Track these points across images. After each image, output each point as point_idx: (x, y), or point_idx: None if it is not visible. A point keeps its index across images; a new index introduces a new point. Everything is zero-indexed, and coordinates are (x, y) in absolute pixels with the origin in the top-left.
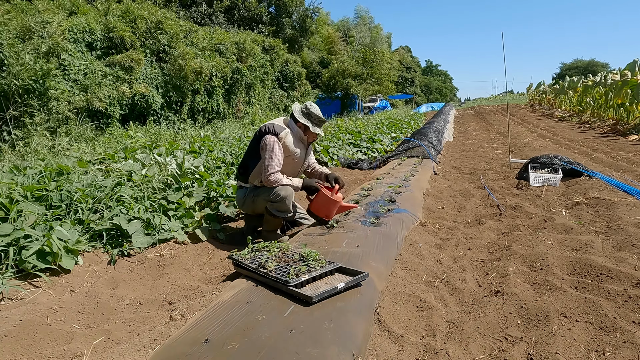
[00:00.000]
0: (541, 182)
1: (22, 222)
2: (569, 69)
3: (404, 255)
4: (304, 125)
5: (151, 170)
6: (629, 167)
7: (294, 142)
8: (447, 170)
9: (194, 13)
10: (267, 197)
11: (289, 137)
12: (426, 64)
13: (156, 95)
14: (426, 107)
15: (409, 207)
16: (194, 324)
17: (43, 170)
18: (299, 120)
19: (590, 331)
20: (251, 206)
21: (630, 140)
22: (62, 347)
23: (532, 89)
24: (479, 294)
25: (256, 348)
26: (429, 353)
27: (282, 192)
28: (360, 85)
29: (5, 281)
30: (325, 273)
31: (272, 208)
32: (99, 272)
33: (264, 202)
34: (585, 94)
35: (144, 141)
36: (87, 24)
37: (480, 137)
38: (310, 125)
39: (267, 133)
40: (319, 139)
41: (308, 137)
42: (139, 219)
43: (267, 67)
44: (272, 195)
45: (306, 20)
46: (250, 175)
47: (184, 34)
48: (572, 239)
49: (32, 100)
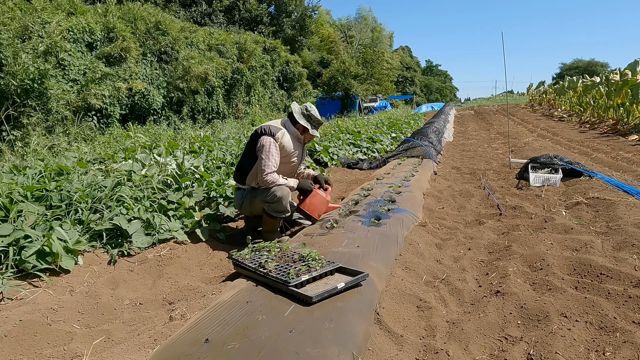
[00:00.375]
0: (541, 182)
1: (22, 222)
2: (569, 69)
3: (404, 255)
4: (303, 127)
5: (151, 170)
6: (629, 167)
7: (291, 143)
8: (447, 170)
9: (194, 13)
10: (264, 198)
11: (286, 137)
12: (426, 64)
13: (157, 95)
14: (426, 107)
15: (409, 207)
16: (194, 324)
17: (43, 170)
18: (298, 122)
19: (590, 331)
20: (249, 208)
21: (630, 140)
22: (62, 347)
23: (532, 89)
24: (479, 294)
25: (256, 348)
26: (429, 353)
27: (278, 192)
28: (361, 85)
29: (5, 281)
30: (325, 273)
31: (269, 209)
32: (99, 272)
33: (261, 203)
34: (585, 94)
35: (144, 141)
36: (87, 23)
37: (480, 137)
38: (310, 127)
39: (264, 134)
40: (317, 139)
41: (305, 138)
42: (139, 219)
43: (267, 67)
44: (268, 196)
45: (305, 19)
46: (247, 177)
47: (185, 36)
48: (572, 239)
49: (31, 100)
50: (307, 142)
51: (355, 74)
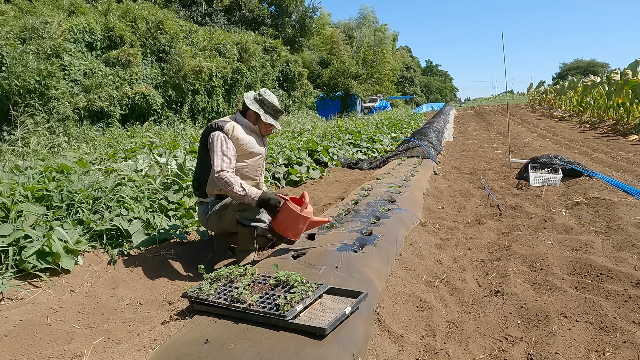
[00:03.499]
0: (541, 182)
1: (22, 222)
2: (569, 69)
3: (404, 255)
4: (255, 114)
5: (151, 170)
6: (629, 167)
7: (246, 135)
8: (447, 170)
9: (194, 13)
10: (237, 207)
11: (237, 129)
12: (426, 64)
13: (156, 95)
14: (426, 107)
15: (409, 207)
16: (194, 324)
17: (44, 170)
18: (249, 108)
19: (590, 331)
20: (217, 223)
21: (630, 140)
22: (62, 347)
23: (532, 89)
24: (479, 294)
25: (256, 348)
26: (429, 353)
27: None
28: (361, 86)
29: (5, 281)
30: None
31: (242, 217)
32: (99, 272)
33: (234, 213)
34: (586, 94)
35: (144, 141)
36: (87, 23)
37: (480, 137)
38: (262, 113)
39: (211, 131)
40: (311, 139)
41: (261, 129)
42: (139, 219)
43: (267, 67)
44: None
45: (306, 20)
46: (207, 185)
47: (184, 34)
48: (572, 239)
49: (32, 100)
50: (266, 134)
51: (355, 74)
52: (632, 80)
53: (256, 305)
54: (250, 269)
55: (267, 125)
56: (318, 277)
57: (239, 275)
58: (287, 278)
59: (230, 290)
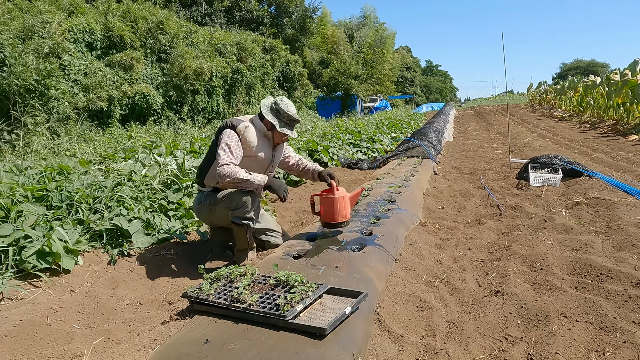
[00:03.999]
0: (541, 182)
1: (22, 222)
2: (569, 69)
3: (404, 255)
4: (270, 124)
5: (151, 170)
6: (629, 167)
7: (257, 139)
8: (447, 170)
9: (194, 13)
10: (227, 204)
11: (250, 131)
12: (426, 64)
13: (156, 95)
14: (426, 107)
15: (409, 207)
16: (194, 324)
17: (44, 170)
18: (265, 117)
19: (590, 331)
20: (208, 216)
21: (630, 140)
22: (62, 347)
23: (533, 89)
24: (479, 294)
25: (256, 347)
26: (429, 353)
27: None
28: (361, 86)
29: (5, 281)
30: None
31: (233, 216)
32: (99, 272)
33: (225, 210)
34: (586, 94)
35: (145, 140)
36: (87, 23)
37: (480, 137)
38: (278, 124)
39: (225, 127)
40: (311, 139)
41: (275, 137)
42: (139, 219)
43: (267, 67)
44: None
45: (306, 19)
46: (207, 176)
47: (184, 34)
48: (572, 239)
49: (32, 100)
50: (279, 143)
51: (356, 74)
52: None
53: (256, 305)
54: (250, 269)
55: (282, 134)
56: (318, 277)
57: (239, 275)
58: (287, 278)
59: (230, 290)
